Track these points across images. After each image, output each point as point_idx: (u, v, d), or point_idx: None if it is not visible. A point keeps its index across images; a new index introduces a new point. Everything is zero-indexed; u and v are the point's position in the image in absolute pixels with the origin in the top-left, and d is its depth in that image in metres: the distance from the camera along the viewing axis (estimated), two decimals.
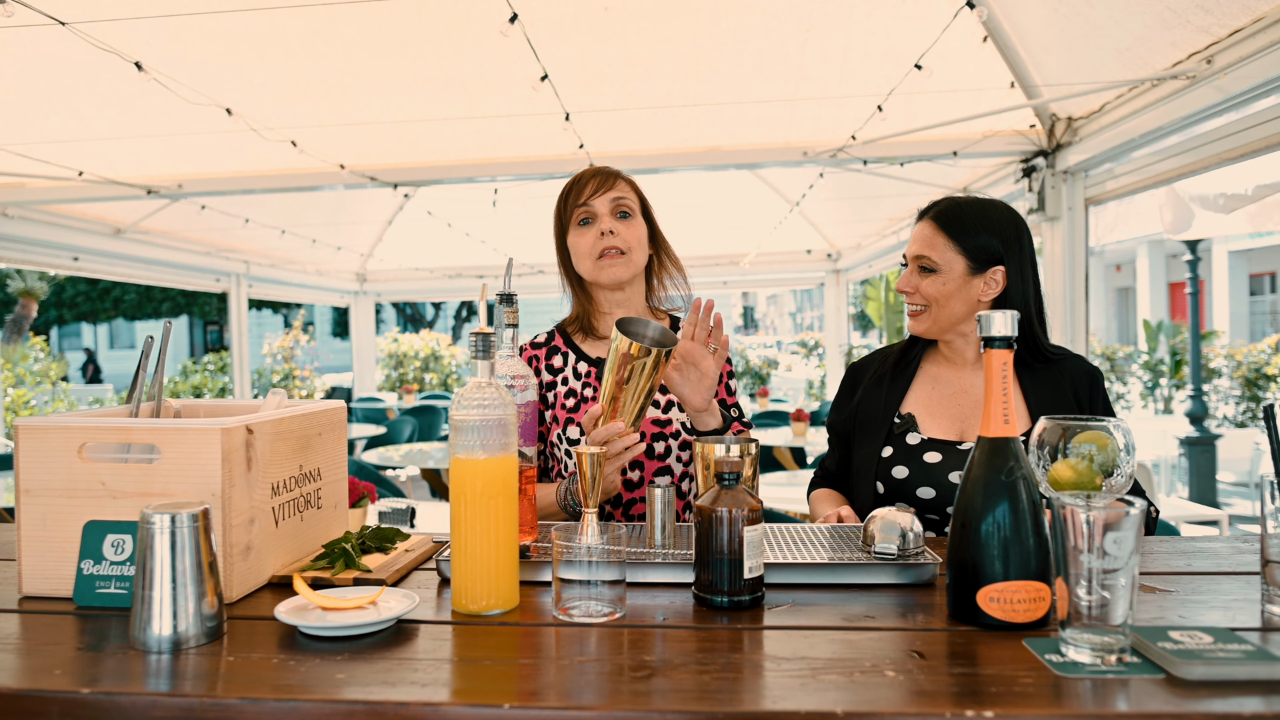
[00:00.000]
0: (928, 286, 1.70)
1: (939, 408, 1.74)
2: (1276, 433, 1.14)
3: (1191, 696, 0.85)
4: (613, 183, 1.76)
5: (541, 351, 1.84)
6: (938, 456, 1.67)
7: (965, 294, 1.69)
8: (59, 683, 0.92)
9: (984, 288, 1.69)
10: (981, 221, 1.69)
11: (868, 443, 1.75)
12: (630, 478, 1.73)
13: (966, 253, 1.68)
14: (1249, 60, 2.88)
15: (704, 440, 1.36)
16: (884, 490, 1.70)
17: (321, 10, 3.50)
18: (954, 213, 1.70)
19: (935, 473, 1.65)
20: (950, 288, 1.68)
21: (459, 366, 13.03)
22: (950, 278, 1.68)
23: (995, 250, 1.68)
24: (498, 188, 6.54)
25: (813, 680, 0.90)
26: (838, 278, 9.89)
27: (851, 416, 1.83)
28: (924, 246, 1.70)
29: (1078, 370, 1.73)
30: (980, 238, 1.68)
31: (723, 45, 4.05)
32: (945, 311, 1.70)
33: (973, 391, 1.74)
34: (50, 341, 25.34)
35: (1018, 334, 1.14)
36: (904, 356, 1.83)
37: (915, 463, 1.67)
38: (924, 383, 1.79)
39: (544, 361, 1.83)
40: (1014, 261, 1.69)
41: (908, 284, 1.73)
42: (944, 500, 1.64)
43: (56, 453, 1.21)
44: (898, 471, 1.68)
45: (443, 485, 5.70)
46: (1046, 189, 4.46)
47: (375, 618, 1.05)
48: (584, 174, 1.78)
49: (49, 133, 4.70)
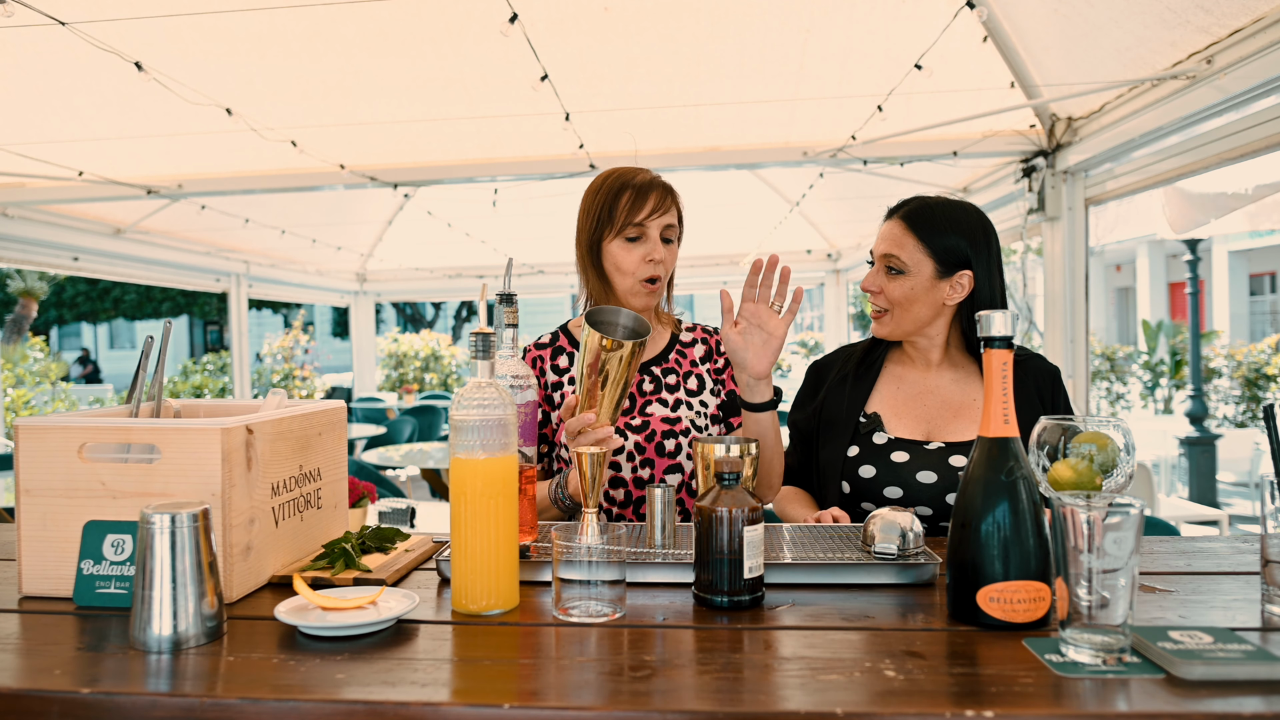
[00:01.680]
0: (894, 289, 1.68)
1: (904, 407, 1.74)
2: (1276, 433, 1.14)
3: (1191, 696, 0.85)
4: (669, 205, 1.71)
5: (546, 352, 1.83)
6: (905, 456, 1.66)
7: (931, 297, 1.68)
8: (59, 683, 0.92)
9: (950, 291, 1.68)
10: (951, 223, 1.67)
11: (833, 442, 1.74)
12: (641, 475, 1.72)
13: (935, 255, 1.66)
14: (1249, 60, 2.88)
15: (704, 440, 1.36)
16: (850, 490, 1.69)
17: (321, 10, 3.50)
18: (925, 213, 1.68)
19: (902, 472, 1.65)
20: (917, 291, 1.67)
21: (459, 366, 13.03)
22: (918, 280, 1.67)
23: (964, 253, 1.66)
24: (498, 188, 6.54)
25: (813, 680, 0.90)
26: (838, 278, 9.89)
27: (815, 415, 1.82)
28: (893, 246, 1.68)
29: (1040, 370, 1.73)
30: (950, 239, 1.66)
31: (723, 45, 4.05)
32: (909, 315, 1.69)
33: (938, 392, 1.74)
34: (50, 341, 25.34)
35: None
36: (867, 356, 1.82)
37: (882, 462, 1.67)
38: (888, 382, 1.78)
39: (549, 362, 1.82)
40: (982, 265, 1.67)
41: (873, 283, 1.71)
42: (911, 500, 1.64)
43: (56, 453, 1.21)
44: (864, 471, 1.68)
45: (443, 485, 5.70)
46: (1046, 189, 4.46)
47: (375, 618, 1.05)
48: (643, 182, 1.70)
49: (49, 133, 4.69)
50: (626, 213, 1.68)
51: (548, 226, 8.40)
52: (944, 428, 1.70)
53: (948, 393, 1.73)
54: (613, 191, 1.71)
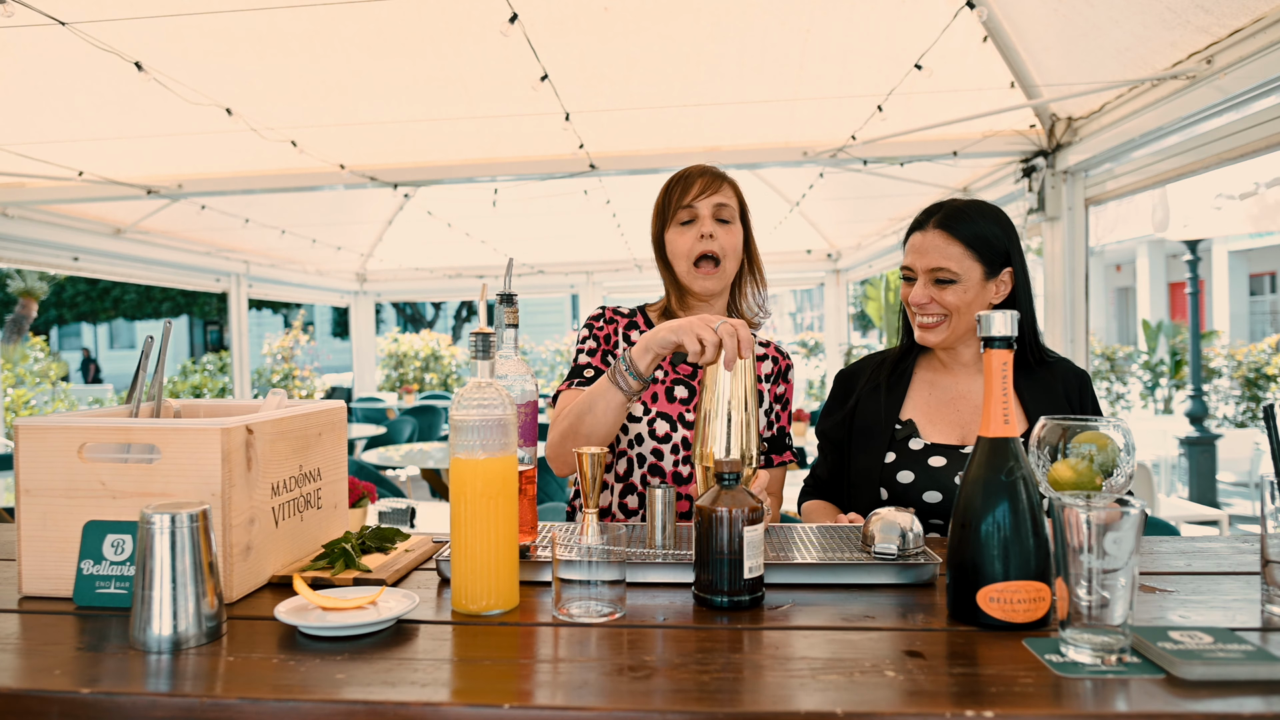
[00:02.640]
0: (950, 297, 1.65)
1: (938, 413, 1.74)
2: (1276, 433, 1.14)
3: (1191, 696, 0.85)
4: (719, 185, 1.74)
5: (623, 321, 1.81)
6: (942, 461, 1.67)
7: (981, 300, 1.67)
8: (59, 683, 0.92)
9: (996, 291, 1.68)
10: (987, 221, 1.67)
11: (869, 450, 1.74)
12: (680, 471, 1.72)
13: (982, 258, 1.65)
14: (1249, 60, 2.88)
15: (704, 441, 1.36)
16: (888, 496, 1.69)
17: (321, 10, 3.50)
18: (961, 218, 1.67)
19: (941, 476, 1.65)
20: (971, 295, 1.65)
21: (459, 366, 13.03)
22: (970, 285, 1.65)
23: (1004, 249, 1.67)
24: (498, 188, 6.54)
25: (813, 680, 0.90)
26: (838, 278, 9.89)
27: (845, 424, 1.81)
28: (940, 258, 1.65)
29: (1068, 373, 1.74)
30: (991, 239, 1.66)
31: (723, 45, 4.05)
32: (964, 320, 1.67)
33: (970, 396, 1.73)
34: (50, 341, 25.34)
35: (1019, 336, 1.14)
36: (899, 364, 1.81)
37: (920, 467, 1.67)
38: (921, 389, 1.78)
39: (621, 330, 1.79)
40: (1018, 260, 1.69)
41: (923, 297, 1.67)
42: (950, 504, 1.64)
43: (56, 453, 1.21)
44: (903, 477, 1.67)
45: (443, 485, 5.70)
46: (1046, 189, 4.46)
47: (375, 618, 1.05)
48: (691, 171, 1.75)
49: (49, 133, 4.69)
50: (676, 198, 1.73)
51: (548, 226, 8.40)
52: (978, 432, 1.70)
53: (980, 397, 1.72)
54: (667, 187, 1.77)
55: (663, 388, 1.76)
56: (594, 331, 1.78)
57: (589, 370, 1.73)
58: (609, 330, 1.78)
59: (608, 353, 1.76)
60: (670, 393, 1.75)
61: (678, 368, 1.78)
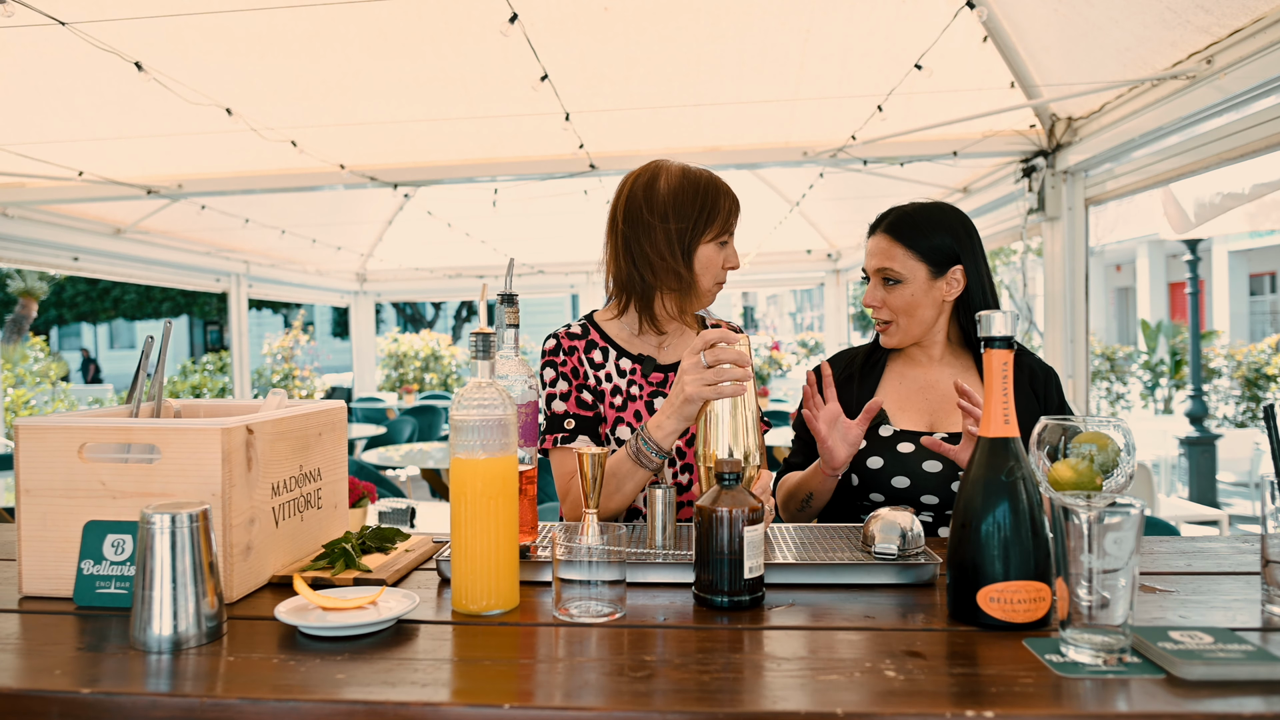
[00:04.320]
0: (895, 299, 1.75)
1: (908, 401, 1.81)
2: (1276, 433, 1.14)
3: (1191, 696, 0.85)
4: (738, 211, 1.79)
5: (580, 343, 1.75)
6: (910, 447, 1.73)
7: (930, 298, 1.75)
8: (59, 683, 0.92)
9: (946, 288, 1.75)
10: (933, 224, 1.75)
11: None
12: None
13: (925, 257, 1.73)
14: (1249, 60, 2.88)
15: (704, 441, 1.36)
16: (859, 481, 1.75)
17: (321, 10, 3.50)
18: (905, 221, 1.76)
19: (909, 462, 1.71)
20: (917, 295, 1.75)
21: (459, 366, 13.03)
22: (915, 286, 1.74)
23: (951, 249, 1.74)
24: (498, 188, 6.54)
25: (813, 680, 0.90)
26: (838, 278, 9.89)
27: None
28: (884, 259, 1.76)
29: (1034, 366, 1.80)
30: (935, 239, 1.74)
31: (723, 45, 4.05)
32: (915, 320, 1.76)
33: (939, 385, 1.80)
34: (50, 341, 25.34)
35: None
36: (870, 357, 1.89)
37: (889, 453, 1.73)
38: (892, 379, 1.85)
39: (583, 353, 1.75)
40: (969, 258, 1.75)
41: (874, 298, 1.79)
42: (918, 489, 1.70)
43: (56, 453, 1.21)
44: (872, 462, 1.73)
45: (443, 485, 5.70)
46: (1046, 189, 4.46)
47: (375, 618, 1.05)
48: (729, 191, 1.74)
49: (49, 133, 4.69)
50: (724, 219, 1.71)
51: (548, 226, 8.40)
52: (946, 419, 1.76)
53: (949, 385, 1.79)
54: (715, 195, 1.71)
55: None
56: (558, 369, 1.72)
57: (569, 421, 1.68)
58: (573, 362, 1.72)
59: (581, 386, 1.71)
60: (650, 406, 1.73)
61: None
